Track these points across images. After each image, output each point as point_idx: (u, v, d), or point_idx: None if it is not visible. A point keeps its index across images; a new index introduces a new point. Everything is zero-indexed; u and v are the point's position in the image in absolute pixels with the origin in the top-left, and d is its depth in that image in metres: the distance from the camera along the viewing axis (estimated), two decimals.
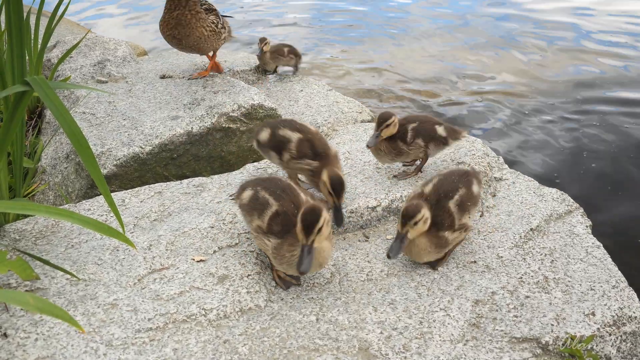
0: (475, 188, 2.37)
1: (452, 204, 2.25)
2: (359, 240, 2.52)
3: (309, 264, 1.91)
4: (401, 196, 2.65)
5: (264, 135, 2.66)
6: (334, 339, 1.93)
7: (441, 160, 2.97)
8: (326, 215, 1.95)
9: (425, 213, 2.14)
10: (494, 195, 2.85)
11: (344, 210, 2.40)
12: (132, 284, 2.12)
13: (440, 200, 2.25)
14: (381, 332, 1.96)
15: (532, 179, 2.99)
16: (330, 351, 1.89)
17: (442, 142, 2.77)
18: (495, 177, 2.96)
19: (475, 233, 2.54)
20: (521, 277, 2.25)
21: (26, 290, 2.07)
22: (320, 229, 1.92)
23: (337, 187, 2.30)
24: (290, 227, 2.02)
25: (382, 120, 2.68)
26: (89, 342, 1.87)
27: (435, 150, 2.79)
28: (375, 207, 2.61)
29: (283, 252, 2.02)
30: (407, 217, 2.12)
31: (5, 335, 1.88)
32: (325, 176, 2.33)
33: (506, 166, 3.10)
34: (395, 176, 2.84)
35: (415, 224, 2.12)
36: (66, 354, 1.83)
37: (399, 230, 2.13)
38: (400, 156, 2.76)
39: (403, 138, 2.72)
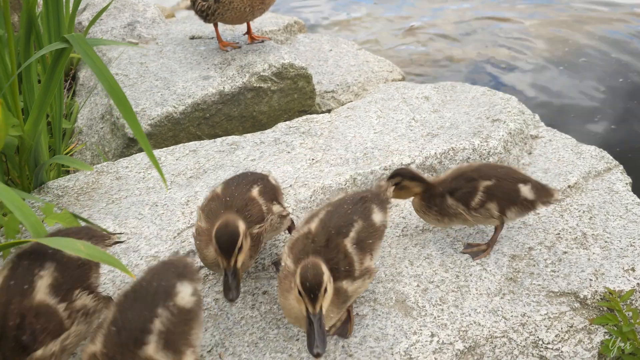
0: (376, 217, 1.81)
1: (348, 243, 1.68)
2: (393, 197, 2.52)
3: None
4: (435, 153, 2.63)
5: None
6: (371, 291, 1.96)
7: (475, 118, 2.92)
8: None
9: (325, 271, 1.53)
10: (530, 153, 2.80)
11: (233, 277, 1.63)
12: (172, 238, 2.18)
13: (332, 240, 1.66)
14: (418, 285, 1.98)
15: (570, 137, 2.93)
16: (367, 302, 1.91)
17: (528, 207, 2.08)
18: (531, 135, 2.91)
19: None
20: (559, 234, 2.23)
21: None
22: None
23: (223, 244, 1.62)
24: None
25: (389, 177, 2.10)
26: None
27: (516, 217, 2.11)
28: (409, 164, 2.60)
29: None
30: (314, 289, 1.47)
31: None
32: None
33: (542, 124, 3.04)
34: (462, 252, 2.14)
35: (326, 291, 1.50)
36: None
37: (310, 312, 1.47)
38: (450, 218, 2.06)
39: (466, 200, 2.02)
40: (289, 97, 3.49)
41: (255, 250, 1.79)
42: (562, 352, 1.77)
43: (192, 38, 3.90)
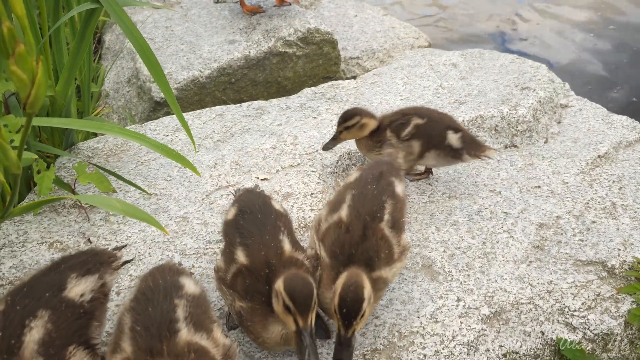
0: (399, 189, 1.76)
1: (385, 228, 1.62)
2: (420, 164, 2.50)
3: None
4: (463, 121, 2.59)
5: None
6: None
7: (504, 86, 2.85)
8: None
9: (369, 293, 1.45)
10: (559, 122, 2.75)
11: (314, 337, 1.40)
12: (201, 199, 2.19)
13: (368, 227, 1.60)
14: (444, 251, 1.98)
15: (600, 106, 2.85)
16: None
17: (452, 155, 2.14)
18: (561, 104, 2.84)
19: (540, 159, 2.47)
20: (587, 203, 2.20)
21: None
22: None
23: (300, 299, 1.37)
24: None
25: (341, 120, 2.17)
26: (164, 250, 1.97)
27: (439, 162, 2.20)
28: None
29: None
30: (352, 314, 1.41)
31: (89, 241, 2.00)
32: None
33: (572, 93, 2.96)
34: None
35: (362, 316, 1.43)
36: (144, 260, 1.93)
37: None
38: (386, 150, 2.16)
39: (397, 130, 2.16)
40: (314, 63, 3.44)
41: None
42: (588, 319, 1.76)
43: (217, 2, 3.85)
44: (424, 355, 1.64)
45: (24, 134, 1.27)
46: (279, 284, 1.40)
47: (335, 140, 2.24)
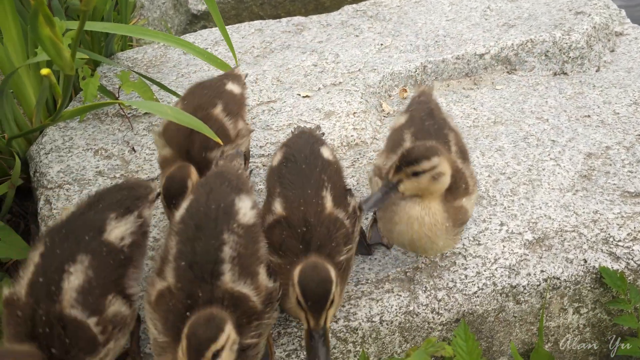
0: (452, 123, 1.68)
1: (456, 159, 1.50)
2: (464, 88, 2.39)
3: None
4: (512, 44, 2.44)
5: None
6: None
7: (557, 10, 2.66)
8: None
9: (443, 165, 1.35)
10: (613, 51, 2.58)
11: (328, 338, 1.26)
12: None
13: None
14: (489, 176, 1.92)
15: None
16: None
17: None
18: (615, 32, 2.66)
19: (590, 87, 2.34)
20: (639, 135, 2.10)
21: (145, 113, 2.14)
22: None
23: (312, 297, 1.23)
24: None
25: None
26: None
27: None
28: (483, 54, 2.43)
29: None
30: (408, 159, 1.32)
31: (133, 149, 1.98)
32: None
33: (628, 20, 2.76)
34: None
35: (416, 174, 1.32)
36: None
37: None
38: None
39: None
40: None
41: (344, 283, 1.42)
42: (632, 250, 1.72)
43: None
44: (465, 276, 1.63)
45: (79, 33, 1.21)
46: (296, 275, 1.25)
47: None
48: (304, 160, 1.48)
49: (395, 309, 1.55)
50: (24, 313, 1.19)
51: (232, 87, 1.74)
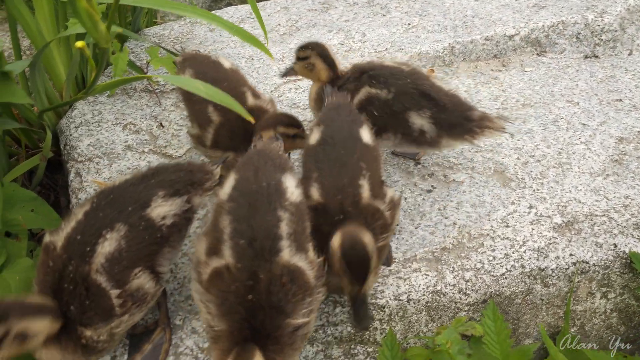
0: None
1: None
2: (492, 70, 2.35)
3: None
4: (543, 26, 2.39)
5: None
6: (469, 159, 1.89)
7: None
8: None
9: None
10: None
11: (363, 305, 1.28)
12: (269, 92, 2.13)
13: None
14: (518, 158, 1.89)
15: None
16: (465, 170, 1.86)
17: (415, 141, 1.68)
18: None
19: (622, 71, 2.28)
20: None
21: (172, 89, 2.14)
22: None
23: (354, 263, 1.25)
24: None
25: (297, 48, 1.76)
26: None
27: (401, 147, 1.75)
28: (512, 35, 2.38)
29: None
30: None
31: (161, 125, 1.98)
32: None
33: None
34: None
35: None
36: None
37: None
38: None
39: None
40: None
41: (377, 267, 1.42)
42: None
43: None
44: (494, 257, 1.61)
45: (116, 4, 1.20)
46: (336, 242, 1.26)
47: (290, 69, 1.79)
48: (343, 143, 1.45)
49: (423, 288, 1.54)
50: (55, 264, 1.22)
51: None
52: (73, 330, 1.21)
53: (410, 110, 1.64)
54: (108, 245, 1.24)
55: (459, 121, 1.63)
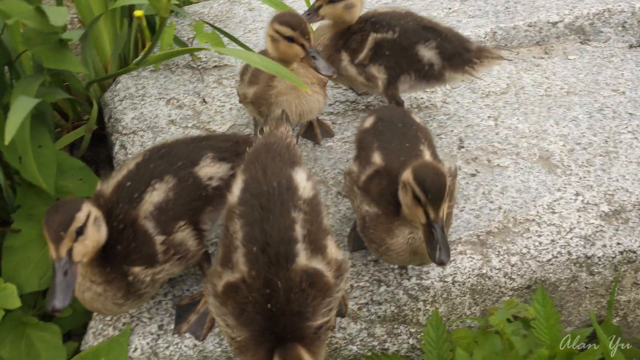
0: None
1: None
2: (534, 57, 2.31)
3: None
4: (588, 13, 2.34)
5: None
6: (514, 145, 1.86)
7: None
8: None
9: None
10: None
11: (442, 231, 1.23)
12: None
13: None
14: (563, 145, 1.86)
15: None
16: (509, 155, 1.83)
17: (425, 76, 1.75)
18: None
19: None
20: None
21: (215, 66, 2.13)
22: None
23: (431, 188, 1.21)
24: None
25: None
26: None
27: (413, 86, 1.79)
28: (556, 22, 2.33)
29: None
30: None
31: (204, 101, 1.98)
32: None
33: None
34: None
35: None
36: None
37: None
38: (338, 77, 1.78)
39: (353, 49, 1.74)
40: None
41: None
42: None
43: None
44: (540, 243, 1.59)
45: None
46: (408, 174, 1.24)
47: (314, 12, 1.71)
48: (400, 120, 1.48)
49: (468, 271, 1.53)
50: (103, 205, 1.26)
51: None
52: (119, 266, 1.23)
53: (418, 43, 1.72)
54: (156, 194, 1.29)
55: (458, 50, 1.73)
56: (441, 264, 1.19)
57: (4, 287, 1.38)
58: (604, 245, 1.60)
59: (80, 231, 1.11)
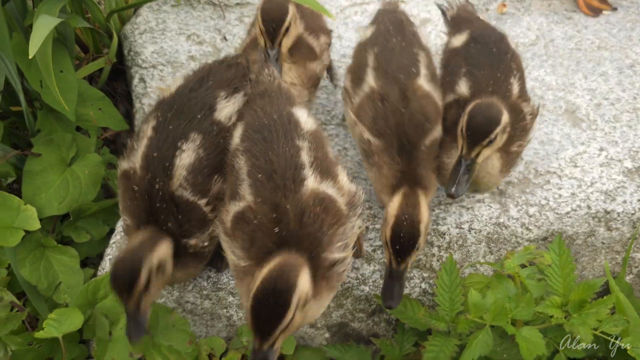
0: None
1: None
2: (566, 10, 2.21)
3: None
4: None
5: None
6: (539, 97, 1.80)
7: None
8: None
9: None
10: None
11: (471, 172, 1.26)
12: (335, 14, 2.04)
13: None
14: (590, 99, 1.80)
15: None
16: None
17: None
18: None
19: None
20: None
21: (237, 4, 2.07)
22: None
23: (475, 130, 1.23)
24: None
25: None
26: None
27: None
28: None
29: None
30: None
31: (225, 38, 1.93)
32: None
33: None
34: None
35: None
36: None
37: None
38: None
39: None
40: None
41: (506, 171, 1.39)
42: None
43: None
44: (559, 195, 1.56)
45: None
46: (470, 107, 1.24)
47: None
48: (495, 44, 1.41)
49: (485, 219, 1.51)
50: (140, 187, 1.20)
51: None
52: (180, 245, 1.21)
53: None
54: (187, 156, 1.22)
55: None
56: (451, 196, 1.22)
57: (25, 208, 1.39)
58: (625, 201, 1.56)
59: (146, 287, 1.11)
